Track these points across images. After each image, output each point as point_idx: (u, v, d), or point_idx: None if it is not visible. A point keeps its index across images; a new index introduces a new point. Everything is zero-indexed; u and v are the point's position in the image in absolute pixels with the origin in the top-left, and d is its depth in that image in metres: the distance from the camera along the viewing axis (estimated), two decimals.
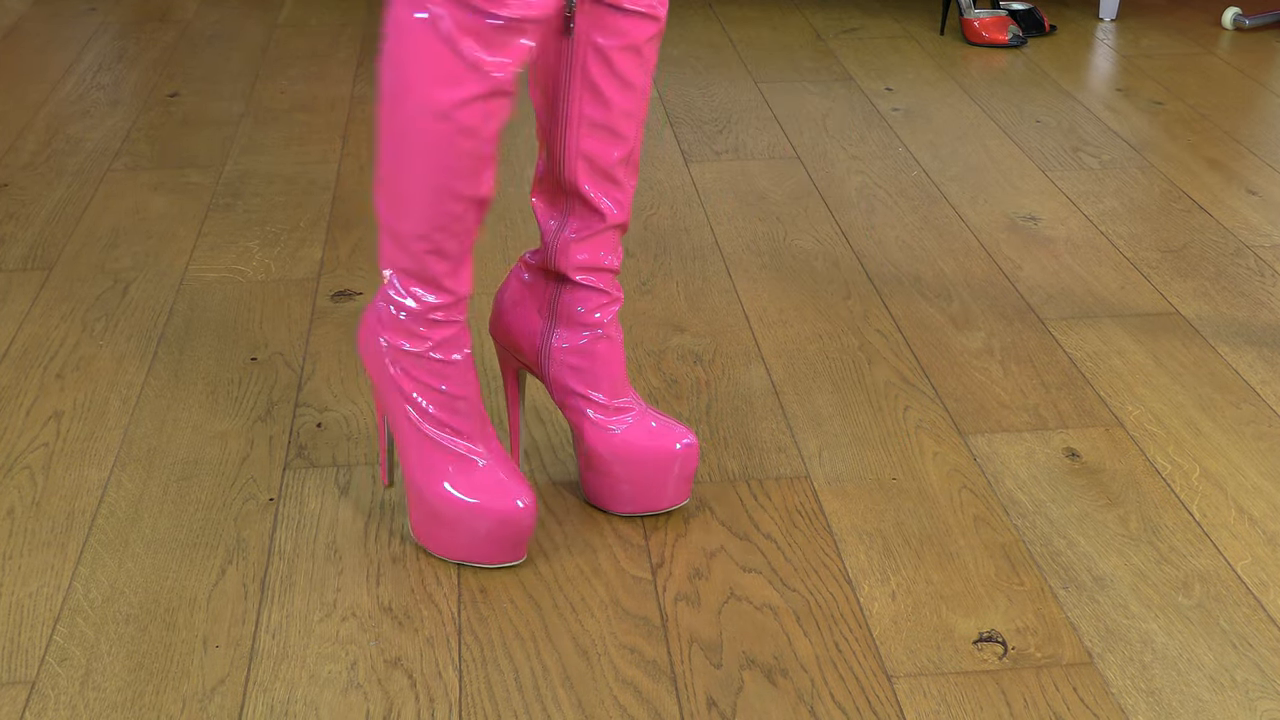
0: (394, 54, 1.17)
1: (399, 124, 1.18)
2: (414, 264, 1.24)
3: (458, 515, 1.29)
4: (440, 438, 1.29)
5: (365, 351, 1.32)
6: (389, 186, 1.22)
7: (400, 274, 1.26)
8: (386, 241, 1.25)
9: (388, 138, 1.20)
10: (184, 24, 3.00)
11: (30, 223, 2.05)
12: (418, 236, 1.23)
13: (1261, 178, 2.21)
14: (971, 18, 2.84)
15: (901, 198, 2.13)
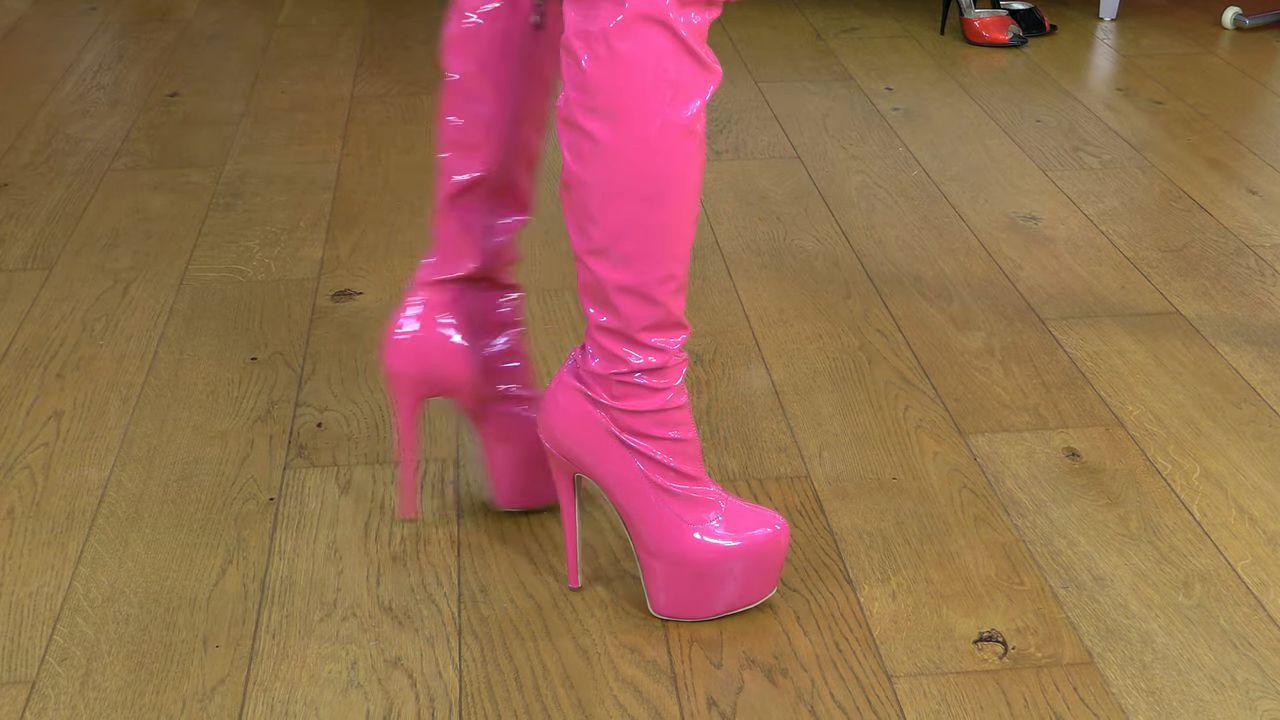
0: (622, 79, 1.04)
1: (634, 159, 1.05)
2: (659, 312, 1.13)
3: (723, 562, 1.20)
4: (685, 490, 1.19)
5: (569, 438, 1.19)
6: (627, 239, 1.09)
7: (642, 332, 1.13)
8: (621, 302, 1.12)
9: (618, 182, 1.07)
10: (184, 24, 3.00)
11: (30, 222, 2.05)
12: (663, 279, 1.11)
13: (1262, 177, 2.21)
14: (972, 17, 2.84)
15: (902, 197, 2.13)
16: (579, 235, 1.12)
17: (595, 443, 1.19)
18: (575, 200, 1.11)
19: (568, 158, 1.10)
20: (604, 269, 1.12)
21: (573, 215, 1.12)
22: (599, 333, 1.15)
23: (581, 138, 1.08)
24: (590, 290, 1.14)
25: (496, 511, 1.39)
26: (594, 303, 1.15)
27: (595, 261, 1.12)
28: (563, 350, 1.69)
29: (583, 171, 1.09)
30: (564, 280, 1.86)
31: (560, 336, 1.73)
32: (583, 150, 1.09)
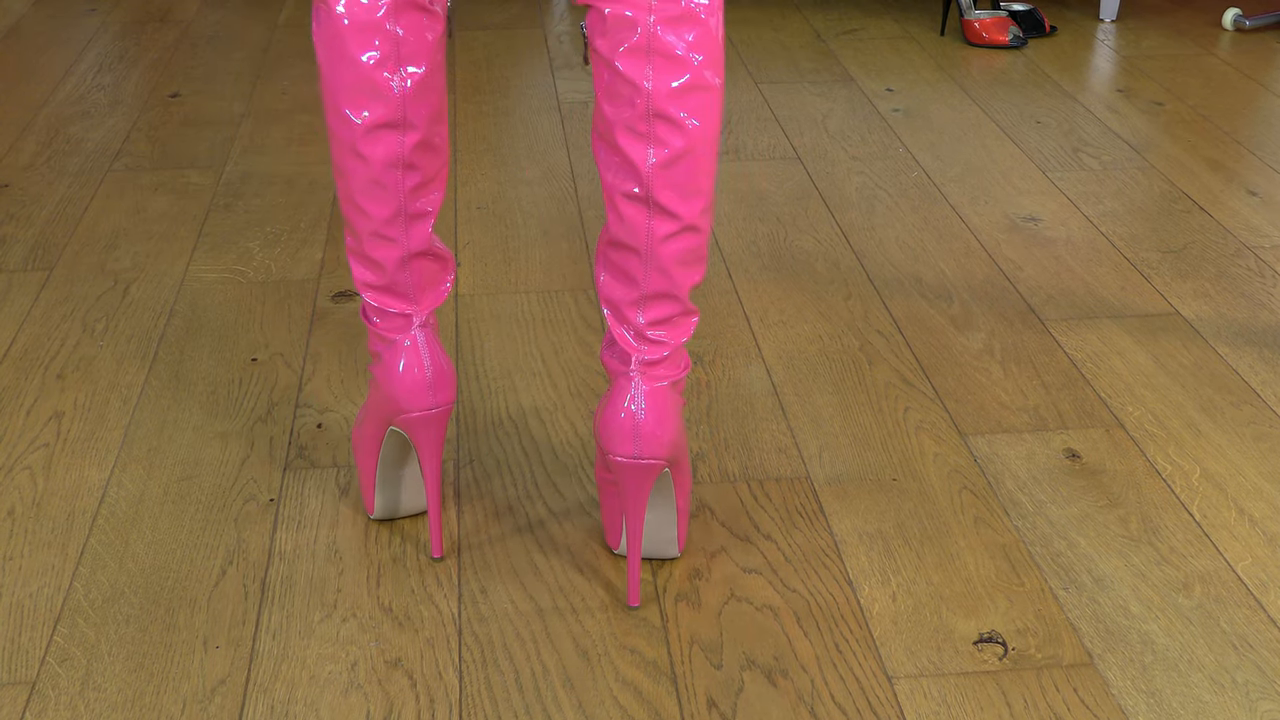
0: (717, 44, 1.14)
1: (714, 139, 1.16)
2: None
3: None
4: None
5: (674, 434, 1.22)
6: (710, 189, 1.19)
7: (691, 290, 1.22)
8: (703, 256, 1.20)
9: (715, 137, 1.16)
10: (184, 24, 3.00)
11: (31, 223, 2.05)
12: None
13: (1262, 179, 2.21)
14: (972, 19, 2.84)
15: (902, 198, 2.13)
16: (683, 206, 1.16)
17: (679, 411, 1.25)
18: (679, 174, 1.15)
19: (672, 136, 1.14)
20: (707, 224, 1.19)
21: (673, 193, 1.16)
22: (674, 311, 1.21)
23: (704, 98, 1.13)
24: (681, 263, 1.18)
25: (497, 512, 1.39)
26: (683, 271, 1.19)
27: (702, 222, 1.19)
28: (563, 350, 1.69)
29: (693, 138, 1.14)
30: (563, 281, 1.86)
31: (560, 336, 1.73)
32: (704, 110, 1.14)
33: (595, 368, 1.66)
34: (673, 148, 1.14)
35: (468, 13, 3.08)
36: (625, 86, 1.14)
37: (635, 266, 1.19)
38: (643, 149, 1.15)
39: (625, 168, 1.16)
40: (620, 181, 1.17)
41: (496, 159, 2.28)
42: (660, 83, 1.12)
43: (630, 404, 1.21)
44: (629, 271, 1.20)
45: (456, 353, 1.69)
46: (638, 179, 1.16)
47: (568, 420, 1.55)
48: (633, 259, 1.19)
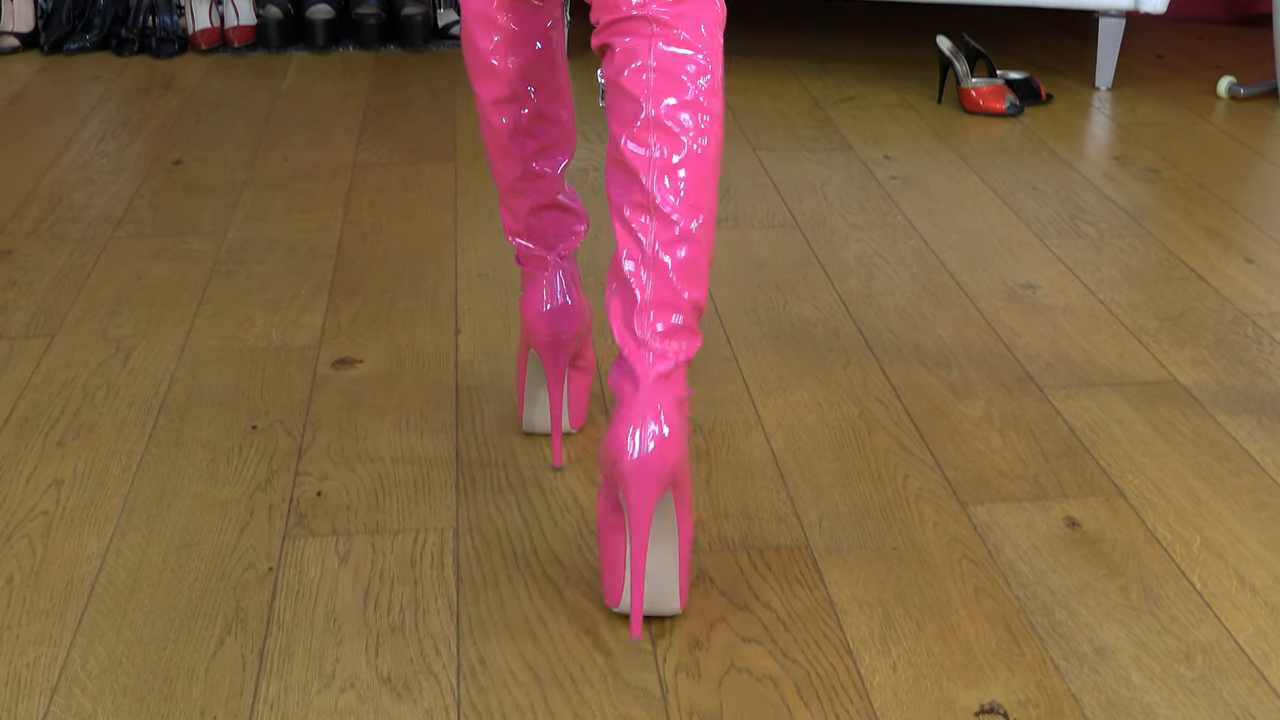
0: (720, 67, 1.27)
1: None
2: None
3: None
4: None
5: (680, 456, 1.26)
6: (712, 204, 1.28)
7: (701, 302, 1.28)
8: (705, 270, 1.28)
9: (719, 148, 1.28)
10: (189, 91, 3.03)
11: (33, 290, 2.06)
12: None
13: (1259, 246, 2.22)
14: (969, 86, 2.87)
15: (900, 265, 2.14)
16: (682, 214, 1.25)
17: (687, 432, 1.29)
18: (678, 184, 1.25)
19: (671, 145, 1.24)
20: (706, 239, 1.27)
21: (672, 201, 1.25)
22: (693, 317, 1.27)
23: (700, 117, 1.25)
24: (681, 271, 1.25)
25: (496, 580, 1.39)
26: (689, 286, 1.26)
27: (701, 236, 1.26)
28: None
29: (690, 151, 1.24)
30: None
31: None
32: (701, 128, 1.25)
33: (597, 436, 1.66)
34: (671, 157, 1.24)
35: (469, 82, 3.10)
36: (629, 102, 1.25)
37: (638, 275, 1.26)
38: (644, 158, 1.25)
39: (630, 179, 1.25)
40: (627, 194, 1.26)
41: (498, 226, 2.29)
42: (659, 98, 1.24)
43: (640, 416, 1.24)
44: (633, 281, 1.26)
45: (456, 418, 1.70)
46: (640, 187, 1.25)
47: (568, 489, 1.55)
48: (637, 268, 1.26)
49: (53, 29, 3.34)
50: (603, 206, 2.35)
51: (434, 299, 2.03)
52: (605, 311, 1.30)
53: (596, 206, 2.36)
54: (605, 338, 1.90)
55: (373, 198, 2.42)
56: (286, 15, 3.35)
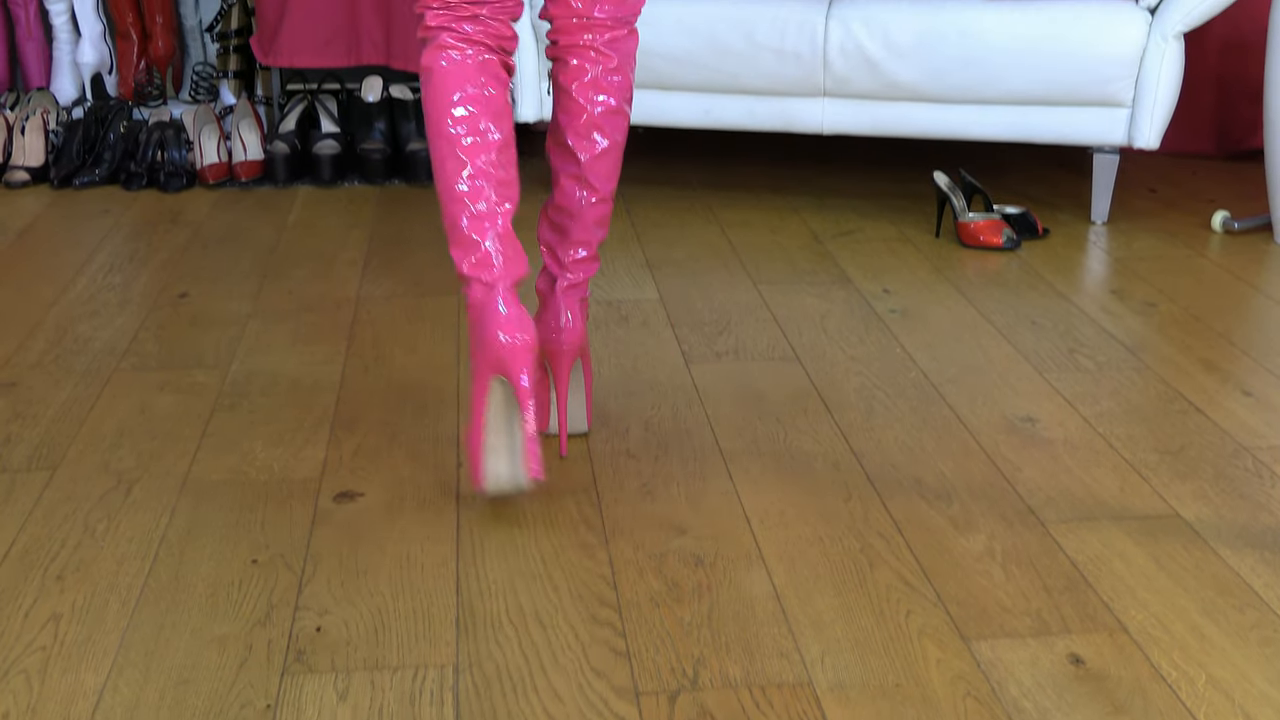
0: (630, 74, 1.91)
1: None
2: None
3: None
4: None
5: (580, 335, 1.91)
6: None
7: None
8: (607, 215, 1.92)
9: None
10: (196, 225, 3.07)
11: (36, 422, 2.07)
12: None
13: (1256, 379, 2.23)
14: (966, 221, 2.90)
15: (900, 398, 2.15)
16: (604, 185, 1.89)
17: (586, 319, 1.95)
18: (604, 165, 1.88)
19: (601, 141, 1.86)
20: (612, 199, 1.91)
21: (598, 176, 1.88)
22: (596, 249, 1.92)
23: (622, 120, 1.88)
24: (597, 223, 1.90)
25: (495, 718, 1.37)
26: (599, 230, 1.91)
27: (610, 197, 1.90)
28: (563, 553, 1.69)
29: (613, 144, 1.88)
30: (565, 483, 1.87)
31: (560, 538, 1.72)
32: (621, 128, 1.88)
33: (598, 571, 1.65)
34: (598, 147, 1.87)
35: None
36: (576, 107, 1.86)
37: (568, 223, 1.90)
38: (584, 146, 1.86)
39: (570, 158, 1.87)
40: (565, 166, 1.88)
41: None
42: (594, 105, 1.85)
43: (560, 310, 1.90)
44: (564, 226, 1.90)
45: (457, 551, 1.69)
46: (578, 165, 1.87)
47: (568, 624, 1.54)
48: (567, 218, 1.90)
49: (63, 164, 3.40)
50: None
51: (435, 431, 2.03)
52: (538, 239, 1.91)
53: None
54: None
55: (376, 331, 2.44)
56: (293, 150, 3.41)
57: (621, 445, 1.99)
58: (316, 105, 3.57)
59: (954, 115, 2.99)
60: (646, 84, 3.11)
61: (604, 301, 2.57)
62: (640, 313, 2.52)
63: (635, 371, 2.26)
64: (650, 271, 2.75)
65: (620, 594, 1.61)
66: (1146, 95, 2.91)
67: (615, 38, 1.85)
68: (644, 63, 3.06)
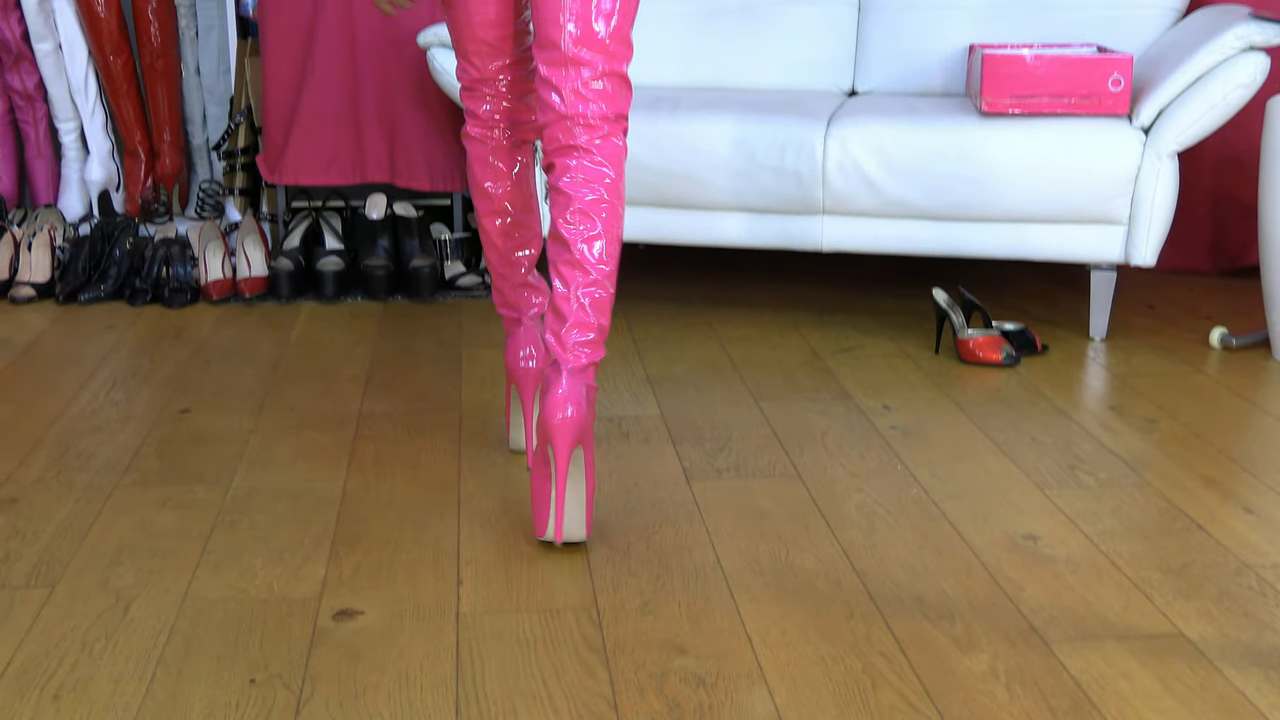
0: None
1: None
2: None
3: None
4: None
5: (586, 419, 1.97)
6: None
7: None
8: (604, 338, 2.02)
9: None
10: (199, 341, 3.09)
11: (36, 539, 2.06)
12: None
13: (1258, 496, 2.23)
14: (965, 337, 2.92)
15: (902, 516, 2.15)
16: (600, 270, 1.99)
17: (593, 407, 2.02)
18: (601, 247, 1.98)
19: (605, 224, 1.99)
20: (612, 281, 2.01)
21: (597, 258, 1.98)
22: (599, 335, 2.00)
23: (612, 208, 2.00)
24: (597, 308, 2.00)
25: None
26: (599, 315, 2.00)
27: (608, 280, 2.01)
28: (564, 673, 1.68)
29: (611, 228, 2.00)
30: (565, 600, 1.87)
31: (561, 658, 1.71)
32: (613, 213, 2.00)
33: (598, 691, 1.64)
34: (588, 233, 1.97)
35: (475, 332, 3.17)
36: (564, 199, 1.99)
37: (568, 305, 1.98)
38: (572, 233, 1.98)
39: (564, 246, 1.98)
40: (561, 254, 1.99)
41: (501, 476, 2.31)
42: (582, 197, 1.98)
43: (565, 396, 1.95)
44: (564, 310, 1.98)
45: (457, 671, 1.68)
46: (570, 251, 1.98)
47: None
48: (565, 303, 1.98)
49: (69, 279, 3.43)
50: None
51: (436, 549, 2.03)
52: (544, 331, 2.00)
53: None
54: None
55: (378, 447, 2.44)
56: (297, 266, 3.44)
57: (622, 562, 1.99)
58: (321, 222, 3.61)
59: (952, 233, 3.03)
60: (647, 201, 3.15)
61: (605, 418, 2.58)
62: (641, 429, 2.53)
63: (636, 488, 2.26)
64: (651, 387, 2.76)
65: (621, 714, 1.59)
66: (1142, 213, 2.94)
67: (606, 135, 2.00)
68: (644, 180, 3.10)
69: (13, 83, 3.80)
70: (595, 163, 1.98)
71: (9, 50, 3.76)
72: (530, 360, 2.28)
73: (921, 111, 3.06)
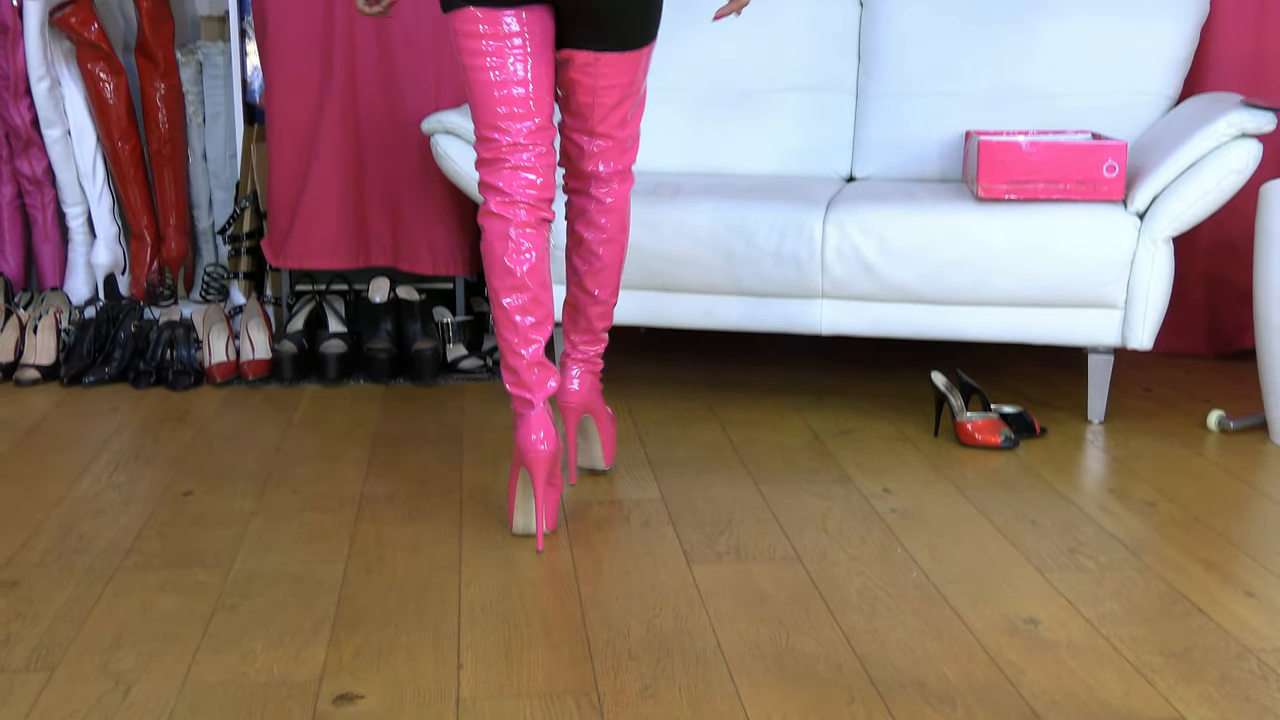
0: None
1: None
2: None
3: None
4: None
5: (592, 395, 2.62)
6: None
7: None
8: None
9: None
10: (202, 423, 3.10)
11: (37, 622, 2.06)
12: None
13: (1258, 580, 2.23)
14: (964, 420, 2.94)
15: (902, 599, 2.15)
16: (604, 292, 2.56)
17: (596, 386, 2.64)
18: (605, 276, 2.55)
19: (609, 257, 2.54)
20: (614, 299, 2.60)
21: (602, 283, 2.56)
22: (601, 335, 2.60)
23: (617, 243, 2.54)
24: (600, 317, 2.59)
25: None
26: (603, 323, 2.60)
27: (611, 299, 2.58)
28: None
29: (615, 260, 2.55)
30: (565, 684, 1.86)
31: None
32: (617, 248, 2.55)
33: None
34: (598, 266, 2.53)
35: (478, 414, 3.18)
36: (577, 237, 2.53)
37: (575, 314, 2.58)
38: (583, 266, 2.53)
39: (575, 272, 2.55)
40: (572, 276, 2.56)
41: (501, 559, 2.31)
42: (590, 233, 2.52)
43: (570, 377, 2.61)
44: (573, 316, 2.59)
45: None
46: (579, 277, 2.55)
47: None
48: (574, 311, 2.58)
49: (73, 362, 3.45)
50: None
51: (437, 632, 2.03)
52: (563, 329, 2.60)
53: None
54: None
55: (379, 529, 2.45)
56: (301, 349, 3.46)
57: (623, 646, 1.98)
58: (324, 305, 3.64)
59: (950, 316, 3.05)
60: (649, 285, 3.17)
61: (606, 501, 2.59)
62: (642, 512, 2.53)
63: (637, 571, 2.26)
64: (652, 471, 2.77)
65: None
66: (1139, 297, 2.97)
67: (613, 187, 2.49)
68: (646, 265, 3.13)
69: (22, 168, 3.85)
70: (606, 207, 2.46)
71: (19, 136, 3.81)
72: (544, 444, 2.30)
73: (919, 197, 3.10)
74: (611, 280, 2.53)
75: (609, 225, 2.49)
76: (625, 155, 2.49)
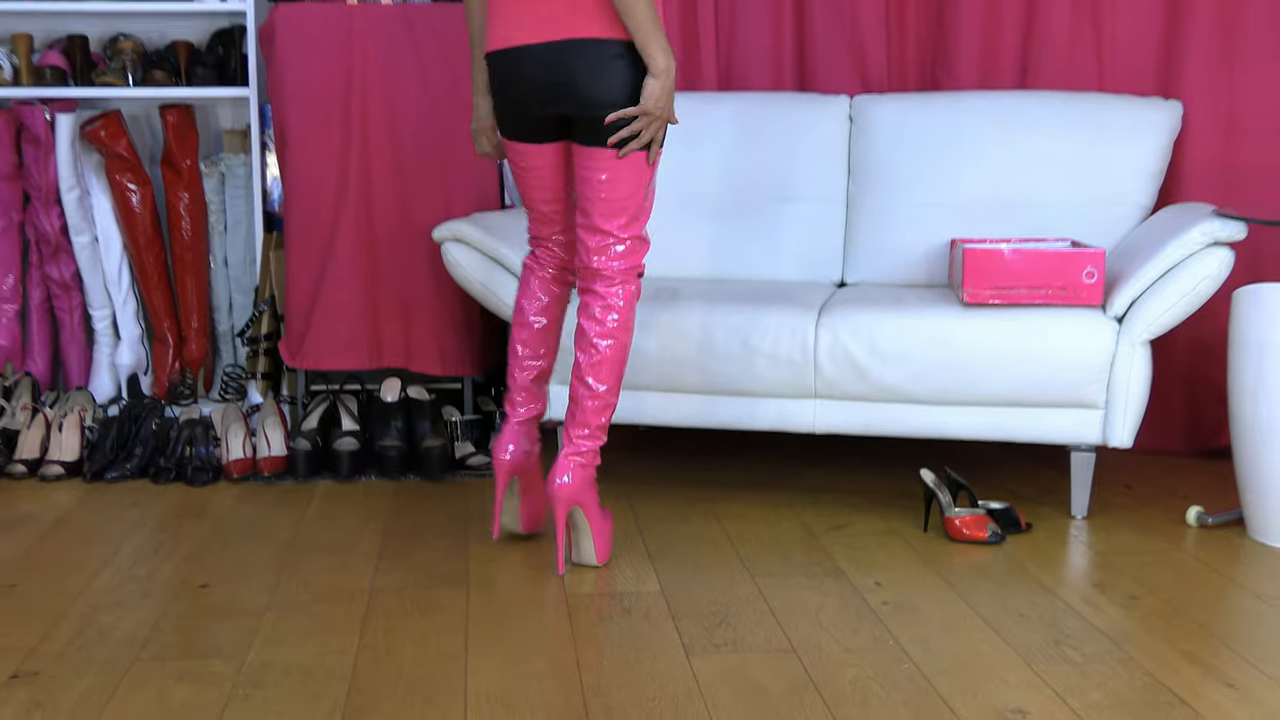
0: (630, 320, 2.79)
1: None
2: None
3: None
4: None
5: (580, 489, 2.76)
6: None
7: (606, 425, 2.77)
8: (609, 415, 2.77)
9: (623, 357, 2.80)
10: (219, 518, 3.20)
11: (56, 712, 2.14)
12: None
13: (1238, 671, 2.30)
14: (952, 515, 3.03)
15: (894, 691, 2.23)
16: (602, 386, 2.75)
17: (588, 481, 2.79)
18: (605, 370, 2.74)
19: (609, 351, 2.74)
20: (615, 395, 2.78)
21: (601, 377, 2.75)
22: (598, 431, 2.77)
23: (617, 341, 2.76)
24: (599, 411, 2.75)
25: None
26: (602, 416, 2.76)
27: (610, 395, 2.76)
28: None
29: (615, 355, 2.74)
30: None
31: None
32: (617, 343, 2.75)
33: None
34: (598, 359, 2.73)
35: (484, 508, 3.27)
36: (580, 331, 2.76)
37: (574, 409, 2.75)
38: (584, 358, 2.74)
39: (577, 364, 2.75)
40: (575, 369, 2.76)
41: (507, 651, 2.39)
42: (593, 329, 2.75)
43: (560, 470, 2.75)
44: (571, 411, 2.75)
45: None
46: (580, 369, 2.74)
47: None
48: (574, 405, 2.75)
49: (96, 458, 3.56)
50: None
51: None
52: (564, 425, 2.79)
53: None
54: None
55: (388, 622, 2.53)
56: (315, 447, 3.57)
57: None
58: (338, 404, 3.76)
59: (938, 416, 3.16)
60: (647, 386, 3.29)
61: (607, 594, 2.67)
62: (642, 604, 2.62)
63: (637, 662, 2.34)
64: (652, 564, 2.85)
65: None
66: (1118, 397, 3.08)
67: (617, 286, 2.75)
68: (645, 366, 3.25)
69: (51, 273, 4.00)
70: (608, 305, 2.73)
71: (49, 242, 3.96)
72: (506, 454, 2.88)
73: (907, 302, 3.22)
74: (610, 376, 2.73)
75: (610, 321, 2.72)
76: (629, 257, 2.74)
